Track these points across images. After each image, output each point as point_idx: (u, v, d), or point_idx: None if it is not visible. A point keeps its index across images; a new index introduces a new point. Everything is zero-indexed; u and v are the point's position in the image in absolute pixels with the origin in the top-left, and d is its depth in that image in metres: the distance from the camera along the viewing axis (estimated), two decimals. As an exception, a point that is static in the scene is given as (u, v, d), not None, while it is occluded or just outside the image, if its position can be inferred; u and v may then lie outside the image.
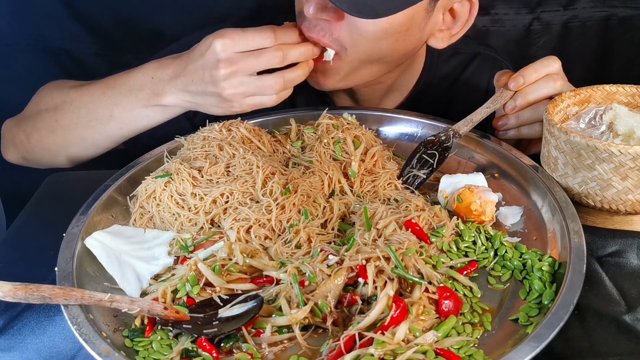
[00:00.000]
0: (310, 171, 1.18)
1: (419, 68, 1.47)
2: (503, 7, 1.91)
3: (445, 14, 1.28)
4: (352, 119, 1.30)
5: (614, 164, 1.01)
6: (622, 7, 1.90)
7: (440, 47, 1.33)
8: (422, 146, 1.23)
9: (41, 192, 1.27)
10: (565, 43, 1.96)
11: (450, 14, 1.29)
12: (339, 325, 0.91)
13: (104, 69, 1.94)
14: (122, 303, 0.88)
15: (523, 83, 1.20)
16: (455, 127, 1.24)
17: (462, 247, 1.03)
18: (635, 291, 0.95)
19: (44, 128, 1.36)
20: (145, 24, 1.87)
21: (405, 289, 0.93)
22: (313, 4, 1.15)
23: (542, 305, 0.92)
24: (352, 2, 1.07)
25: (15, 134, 1.42)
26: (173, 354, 0.86)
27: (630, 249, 1.03)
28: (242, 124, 1.25)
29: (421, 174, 1.18)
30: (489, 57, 1.54)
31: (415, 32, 1.24)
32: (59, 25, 1.88)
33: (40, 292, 0.84)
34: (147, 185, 1.13)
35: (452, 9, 1.28)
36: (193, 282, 0.95)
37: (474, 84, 1.51)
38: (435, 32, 1.30)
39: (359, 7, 1.07)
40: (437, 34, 1.30)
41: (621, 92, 1.20)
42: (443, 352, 0.83)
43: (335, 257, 0.95)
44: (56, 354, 0.92)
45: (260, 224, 1.06)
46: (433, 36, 1.30)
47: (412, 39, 1.25)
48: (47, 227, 1.11)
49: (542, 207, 1.09)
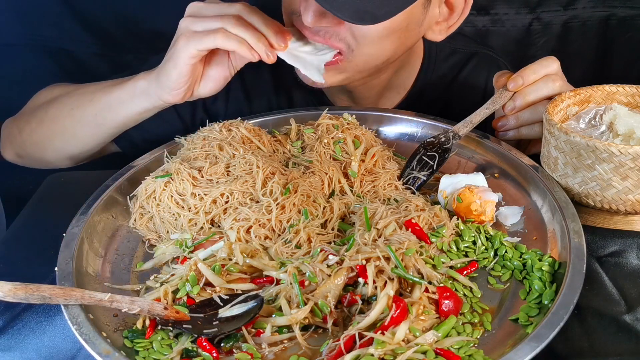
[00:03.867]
0: (310, 171, 1.18)
1: (416, 67, 1.47)
2: (503, 7, 1.91)
3: (441, 6, 1.28)
4: (352, 119, 1.30)
5: (614, 164, 1.01)
6: (622, 7, 1.90)
7: (439, 40, 1.33)
8: (422, 148, 1.23)
9: (41, 192, 1.27)
10: (565, 43, 1.96)
11: (447, 5, 1.29)
12: (339, 325, 0.91)
13: (104, 69, 1.94)
14: (122, 303, 0.88)
15: (522, 84, 1.20)
16: (455, 128, 1.24)
17: (462, 247, 1.03)
18: (635, 291, 0.95)
19: (34, 121, 1.36)
20: (145, 24, 1.87)
21: (405, 289, 0.93)
22: (311, 13, 1.14)
23: (542, 305, 0.92)
24: (353, 10, 1.06)
25: (10, 129, 1.43)
26: (173, 353, 0.86)
27: (630, 249, 1.03)
28: (242, 124, 1.25)
29: (421, 175, 1.18)
30: (487, 57, 1.54)
31: (414, 27, 1.24)
32: (59, 25, 1.89)
33: (40, 292, 0.84)
34: (147, 185, 1.13)
35: (448, 1, 1.28)
36: (193, 282, 0.95)
37: (472, 84, 1.51)
38: (433, 25, 1.30)
39: (359, 14, 1.07)
40: (434, 27, 1.31)
41: (621, 92, 1.20)
42: (443, 352, 0.83)
43: (335, 257, 0.95)
44: (56, 353, 0.92)
45: (260, 224, 1.06)
46: (430, 29, 1.31)
47: (412, 35, 1.26)
48: (47, 227, 1.11)
49: (542, 207, 1.09)
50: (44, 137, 1.36)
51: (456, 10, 1.29)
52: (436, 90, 1.49)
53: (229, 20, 1.11)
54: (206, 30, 1.12)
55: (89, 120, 1.29)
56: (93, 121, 1.29)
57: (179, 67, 1.15)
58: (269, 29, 1.14)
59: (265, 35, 1.13)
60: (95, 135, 1.33)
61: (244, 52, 1.12)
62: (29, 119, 1.38)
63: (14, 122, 1.43)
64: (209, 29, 1.12)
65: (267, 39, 1.13)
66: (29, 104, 1.45)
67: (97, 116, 1.28)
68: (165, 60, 1.18)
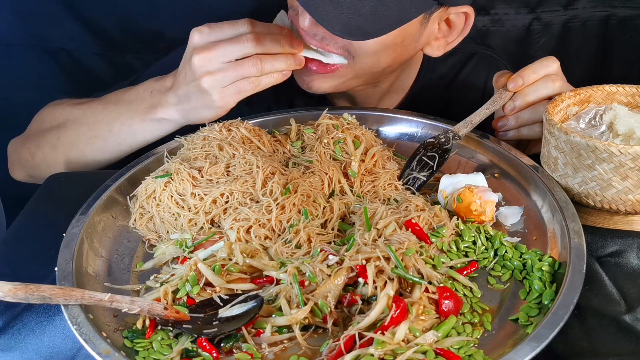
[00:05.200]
0: (310, 171, 1.18)
1: (415, 69, 1.48)
2: (503, 7, 1.91)
3: (441, 23, 1.28)
4: (352, 119, 1.30)
5: (614, 164, 1.01)
6: (622, 7, 1.90)
7: (436, 55, 1.34)
8: (422, 148, 1.23)
9: (41, 192, 1.27)
10: (565, 43, 1.96)
11: (446, 23, 1.29)
12: (339, 325, 0.91)
13: (104, 69, 1.94)
14: (122, 303, 0.88)
15: (522, 84, 1.20)
16: (454, 128, 1.24)
17: (462, 247, 1.03)
18: (635, 291, 0.95)
19: (47, 146, 1.38)
20: (145, 24, 1.87)
21: (405, 289, 0.93)
22: (308, 17, 1.15)
23: (542, 305, 0.92)
24: (343, 25, 1.06)
25: (21, 153, 1.44)
26: (173, 354, 0.86)
27: (630, 249, 1.03)
28: (242, 124, 1.25)
29: (421, 176, 1.18)
30: (486, 57, 1.54)
31: (410, 42, 1.25)
32: (59, 25, 1.89)
33: (40, 292, 0.84)
34: (147, 185, 1.13)
35: (448, 19, 1.28)
36: (193, 282, 0.95)
37: (472, 84, 1.52)
38: (432, 41, 1.30)
39: (350, 29, 1.07)
40: (433, 43, 1.31)
41: (621, 92, 1.20)
42: (443, 352, 0.83)
43: (335, 257, 0.95)
44: (56, 353, 0.92)
45: (260, 224, 1.06)
46: (429, 45, 1.31)
47: (408, 49, 1.27)
48: (47, 227, 1.11)
49: (542, 207, 1.09)
50: (58, 161, 1.37)
51: (456, 29, 1.29)
52: (436, 90, 1.50)
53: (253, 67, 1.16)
54: (236, 82, 1.17)
55: (112, 149, 1.32)
56: (117, 149, 1.32)
57: (218, 115, 1.22)
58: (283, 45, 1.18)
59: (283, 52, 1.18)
60: (117, 157, 1.35)
61: (279, 81, 1.20)
62: (39, 143, 1.39)
63: (23, 146, 1.44)
64: (238, 79, 1.17)
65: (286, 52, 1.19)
66: (33, 125, 1.46)
67: (120, 145, 1.31)
68: (196, 106, 1.21)
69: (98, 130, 1.31)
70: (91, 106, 1.35)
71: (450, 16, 1.27)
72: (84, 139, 1.33)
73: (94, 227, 1.07)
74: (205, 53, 1.15)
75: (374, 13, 1.06)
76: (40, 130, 1.41)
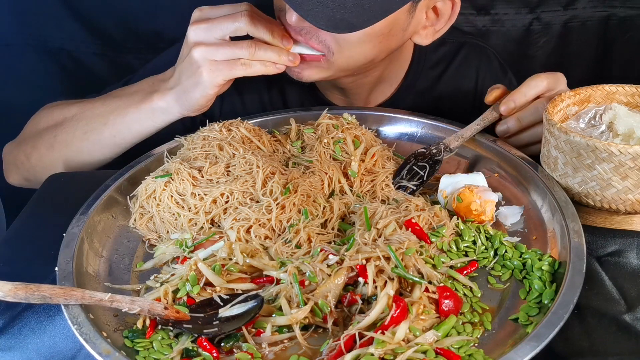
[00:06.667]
0: (310, 171, 1.18)
1: (407, 59, 1.48)
2: (503, 7, 1.91)
3: (428, 12, 1.29)
4: (352, 119, 1.30)
5: (614, 164, 1.01)
6: (622, 7, 1.90)
7: (425, 44, 1.34)
8: (413, 158, 1.23)
9: (41, 192, 1.27)
10: (565, 43, 1.96)
11: (434, 11, 1.29)
12: (339, 325, 0.91)
13: (104, 69, 1.94)
14: (122, 303, 0.88)
15: (514, 107, 1.21)
16: (446, 141, 1.25)
17: (462, 247, 1.03)
18: (635, 291, 0.95)
19: (43, 146, 1.37)
20: (145, 24, 1.87)
21: (405, 288, 0.93)
22: (295, 14, 1.15)
23: (542, 305, 0.92)
24: (328, 18, 1.06)
25: (16, 155, 1.43)
26: (173, 353, 0.86)
27: (630, 249, 1.03)
28: (242, 124, 1.25)
29: (411, 185, 1.18)
30: (476, 46, 1.55)
31: (398, 32, 1.24)
32: (59, 25, 1.89)
33: (40, 291, 0.84)
34: (147, 185, 1.13)
35: (435, 7, 1.29)
36: (193, 282, 0.95)
37: (463, 73, 1.52)
38: (419, 30, 1.30)
39: (335, 22, 1.07)
40: (421, 31, 1.31)
41: (621, 92, 1.20)
42: (443, 352, 0.83)
43: (335, 257, 0.95)
44: (56, 353, 0.92)
45: (260, 224, 1.06)
46: (417, 33, 1.31)
47: (395, 39, 1.26)
48: (47, 227, 1.11)
49: (542, 207, 1.09)
50: (55, 161, 1.36)
51: (443, 16, 1.30)
52: (428, 81, 1.50)
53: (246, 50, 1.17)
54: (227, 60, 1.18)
55: (107, 142, 1.32)
56: (111, 142, 1.32)
57: (207, 94, 1.21)
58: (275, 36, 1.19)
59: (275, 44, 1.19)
60: (113, 152, 1.35)
61: (271, 72, 1.20)
62: (35, 144, 1.39)
63: (19, 148, 1.43)
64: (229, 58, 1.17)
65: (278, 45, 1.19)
66: (28, 127, 1.45)
67: (115, 138, 1.31)
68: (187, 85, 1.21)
69: (94, 124, 1.31)
70: (91, 102, 1.35)
71: (437, 4, 1.28)
72: (80, 134, 1.32)
73: (94, 227, 1.07)
74: (201, 25, 1.19)
75: (358, 5, 1.06)
76: (36, 131, 1.41)
